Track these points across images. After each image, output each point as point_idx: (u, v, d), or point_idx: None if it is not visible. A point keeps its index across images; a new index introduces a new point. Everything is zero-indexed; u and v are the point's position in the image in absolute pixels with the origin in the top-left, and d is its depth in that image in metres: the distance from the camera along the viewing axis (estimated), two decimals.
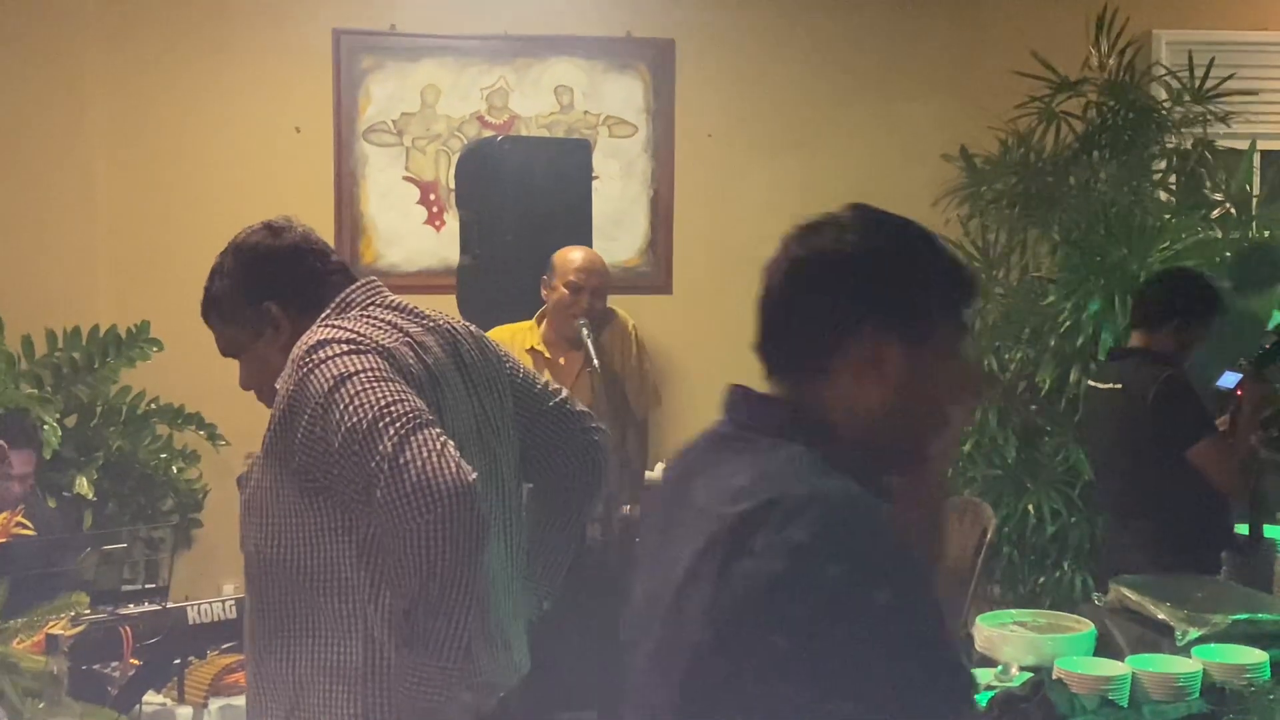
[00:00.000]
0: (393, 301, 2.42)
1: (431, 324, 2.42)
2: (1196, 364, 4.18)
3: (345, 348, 2.20)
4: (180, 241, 5.67)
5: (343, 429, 2.11)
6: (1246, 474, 3.92)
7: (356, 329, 2.25)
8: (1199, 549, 3.88)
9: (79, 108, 5.81)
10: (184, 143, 5.85)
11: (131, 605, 3.26)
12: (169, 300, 5.72)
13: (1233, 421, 3.99)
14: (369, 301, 2.38)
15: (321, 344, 2.21)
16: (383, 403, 2.12)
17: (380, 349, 2.22)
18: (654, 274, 6.17)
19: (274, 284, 2.37)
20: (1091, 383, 4.43)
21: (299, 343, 2.25)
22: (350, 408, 2.12)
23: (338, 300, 2.37)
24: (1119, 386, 4.16)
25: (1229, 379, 3.98)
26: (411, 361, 2.27)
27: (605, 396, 4.29)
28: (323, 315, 2.34)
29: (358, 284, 2.42)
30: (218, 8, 5.86)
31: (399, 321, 2.34)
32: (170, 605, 3.30)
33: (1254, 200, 5.49)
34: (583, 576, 4.23)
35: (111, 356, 5.17)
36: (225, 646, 3.47)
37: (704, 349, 6.15)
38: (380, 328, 2.29)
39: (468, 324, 2.57)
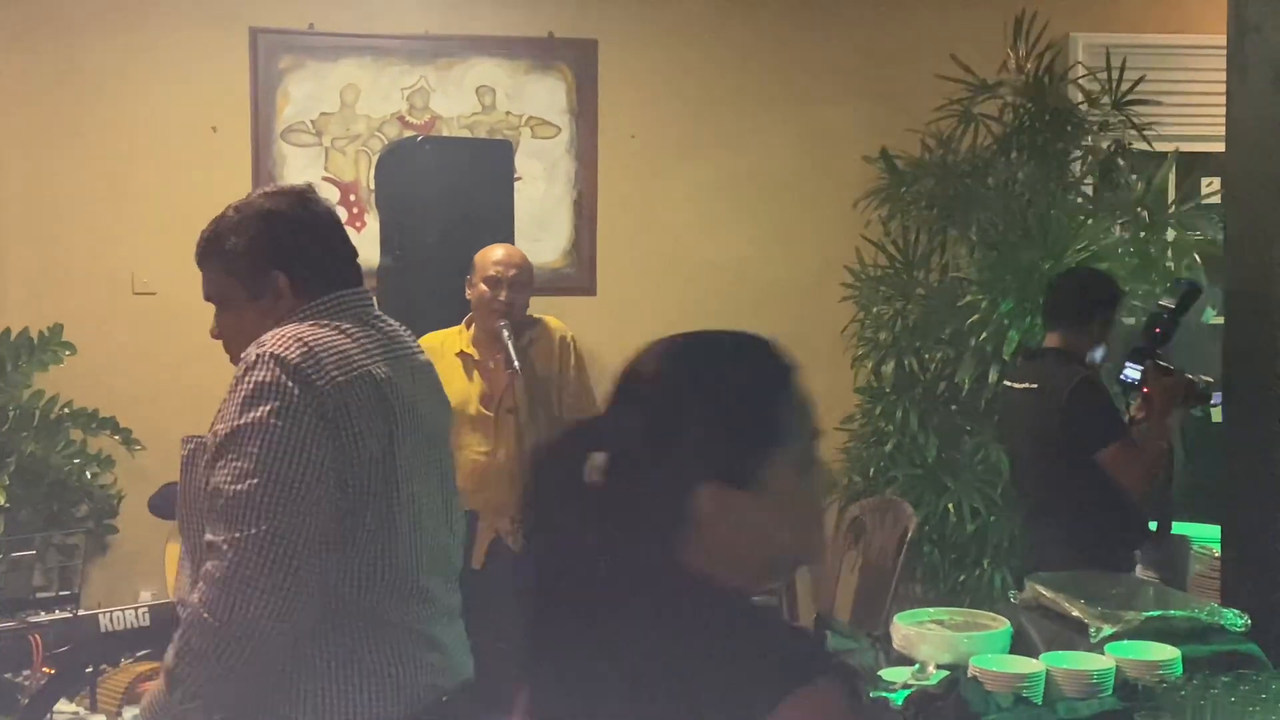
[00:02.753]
0: (376, 318, 2.42)
1: (403, 350, 2.43)
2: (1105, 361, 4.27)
3: (288, 381, 2.18)
4: (94, 243, 5.59)
5: (229, 467, 2.14)
6: (1156, 472, 3.98)
7: (318, 351, 2.23)
8: (1112, 546, 3.98)
9: None
10: (97, 143, 5.76)
11: (42, 613, 3.21)
12: (82, 303, 5.68)
13: (1147, 412, 4.04)
14: (355, 313, 2.37)
15: (276, 359, 2.19)
16: (272, 472, 2.13)
17: (326, 389, 2.20)
18: (578, 275, 6.17)
19: (292, 256, 2.35)
20: (1007, 382, 4.47)
21: (264, 338, 2.24)
22: (243, 452, 2.14)
23: (331, 298, 2.36)
24: (1034, 386, 4.19)
25: (1131, 372, 4.02)
26: (365, 399, 2.25)
27: (528, 399, 4.28)
28: (309, 306, 2.33)
29: (353, 291, 2.41)
30: (133, 6, 5.79)
31: (370, 347, 2.32)
32: (82, 613, 3.25)
33: (1169, 202, 5.58)
34: (505, 580, 4.24)
35: (23, 360, 5.10)
36: (139, 654, 3.43)
37: (628, 349, 6.14)
38: (344, 354, 2.26)
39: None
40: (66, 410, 5.19)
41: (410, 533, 2.29)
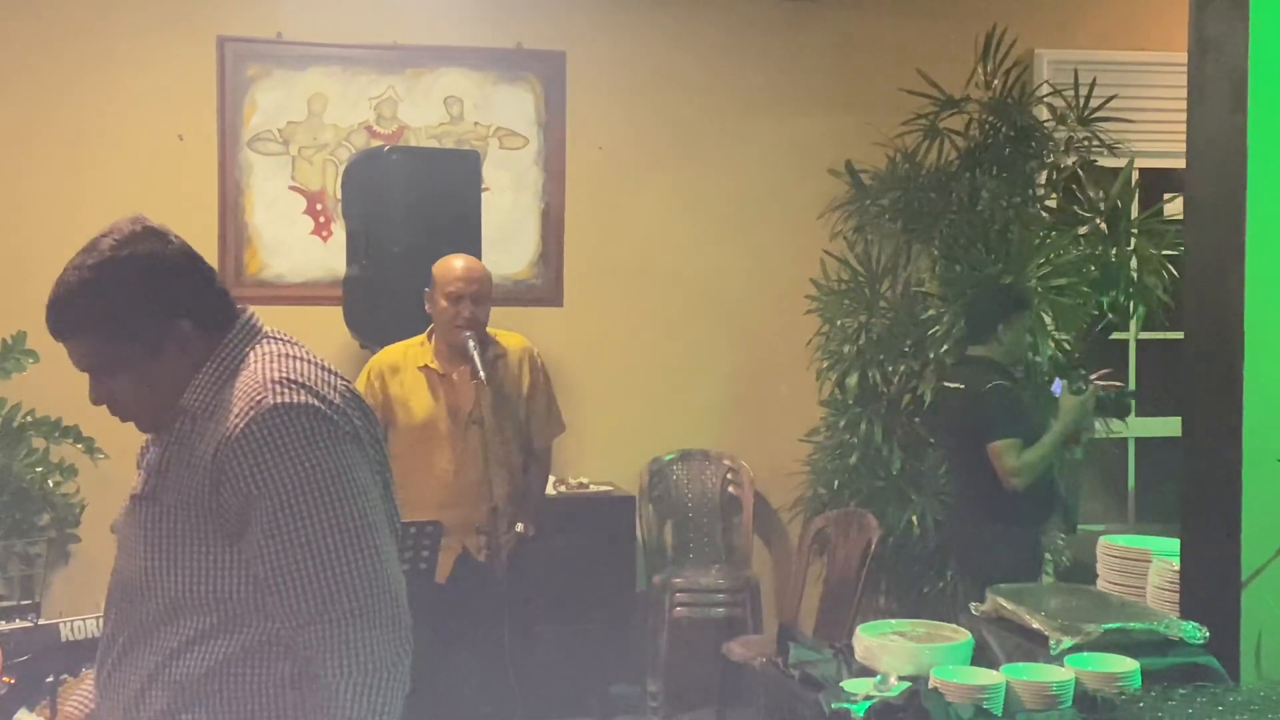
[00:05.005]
0: (291, 338, 2.26)
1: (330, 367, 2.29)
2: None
3: (319, 414, 2.08)
4: (57, 251, 5.50)
5: (306, 524, 2.02)
6: (1034, 472, 4.56)
7: (310, 382, 2.11)
8: (1002, 530, 4.64)
9: None
10: (62, 150, 5.73)
11: (3, 622, 3.18)
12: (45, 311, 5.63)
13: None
14: (278, 337, 2.22)
15: (296, 409, 2.07)
16: (347, 512, 2.04)
17: (341, 420, 2.11)
18: (545, 286, 6.18)
19: (189, 299, 2.14)
20: (945, 382, 4.94)
21: (248, 391, 2.08)
22: (317, 504, 2.03)
23: (243, 326, 2.20)
24: (961, 387, 4.73)
25: (1056, 386, 4.72)
26: (362, 418, 2.18)
27: (494, 411, 4.27)
28: (224, 343, 2.16)
29: (249, 313, 2.24)
30: (99, 13, 5.76)
31: (317, 359, 2.21)
32: (43, 622, 3.23)
33: (1129, 217, 5.63)
34: (468, 594, 4.24)
35: None
36: None
37: (595, 361, 6.18)
38: (320, 376, 2.16)
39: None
40: (29, 418, 5.15)
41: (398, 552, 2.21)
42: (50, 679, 3.26)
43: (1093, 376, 4.70)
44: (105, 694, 2.19)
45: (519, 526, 4.27)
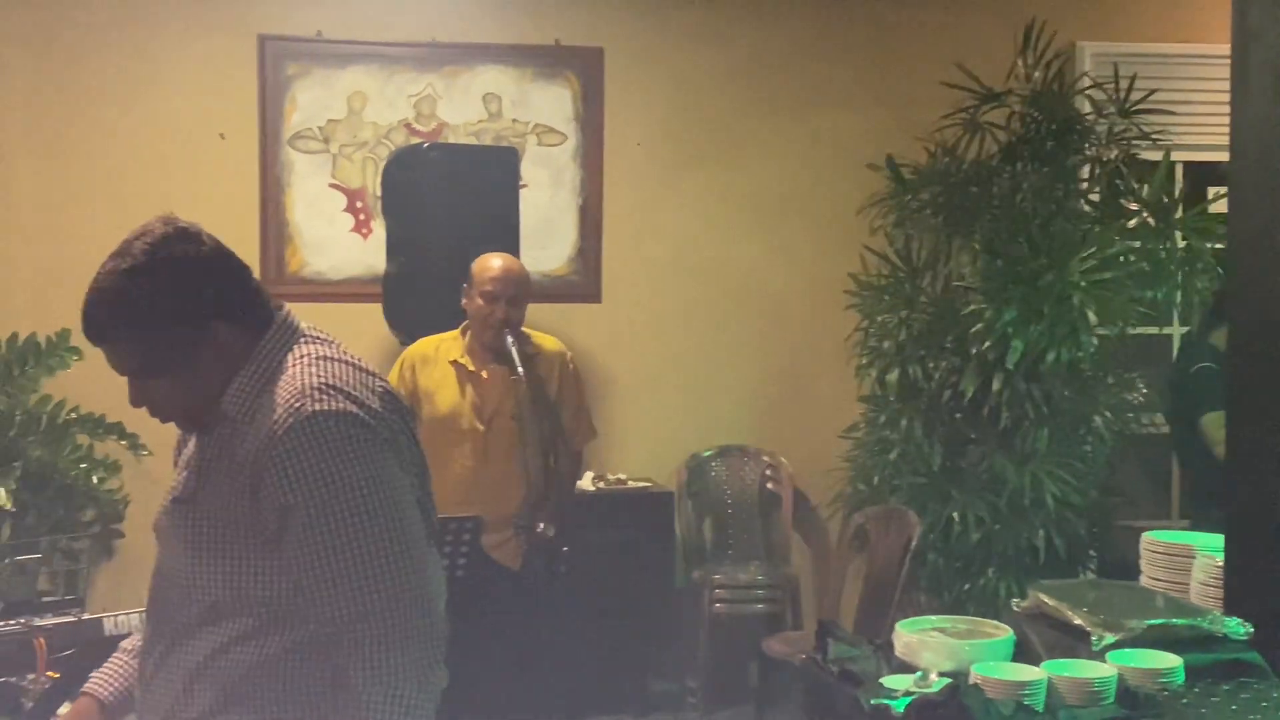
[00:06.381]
0: (332, 338, 2.25)
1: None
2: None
3: (357, 421, 2.07)
4: (102, 249, 5.57)
5: (342, 529, 2.03)
6: None
7: (347, 387, 2.10)
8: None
9: None
10: (106, 149, 5.79)
11: (47, 617, 3.22)
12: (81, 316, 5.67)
13: None
14: (316, 336, 2.22)
15: (335, 416, 2.06)
16: (385, 520, 2.05)
17: (379, 427, 2.10)
18: (583, 283, 6.19)
19: (224, 301, 2.12)
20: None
21: (285, 396, 2.07)
22: (352, 510, 2.03)
23: (280, 325, 2.18)
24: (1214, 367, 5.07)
25: None
26: (401, 422, 2.18)
27: (531, 409, 4.27)
28: (263, 344, 2.15)
29: (285, 310, 2.23)
30: (141, 13, 5.81)
31: (354, 359, 2.20)
32: (87, 617, 3.26)
33: (1177, 210, 5.58)
34: (498, 594, 4.25)
35: (30, 365, 5.11)
36: None
37: (633, 357, 6.19)
38: (359, 379, 2.14)
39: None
40: (73, 415, 5.20)
41: (436, 559, 2.23)
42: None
43: None
44: (147, 694, 2.20)
45: (540, 526, 4.25)
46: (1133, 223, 5.42)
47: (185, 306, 2.09)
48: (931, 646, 3.19)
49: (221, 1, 5.88)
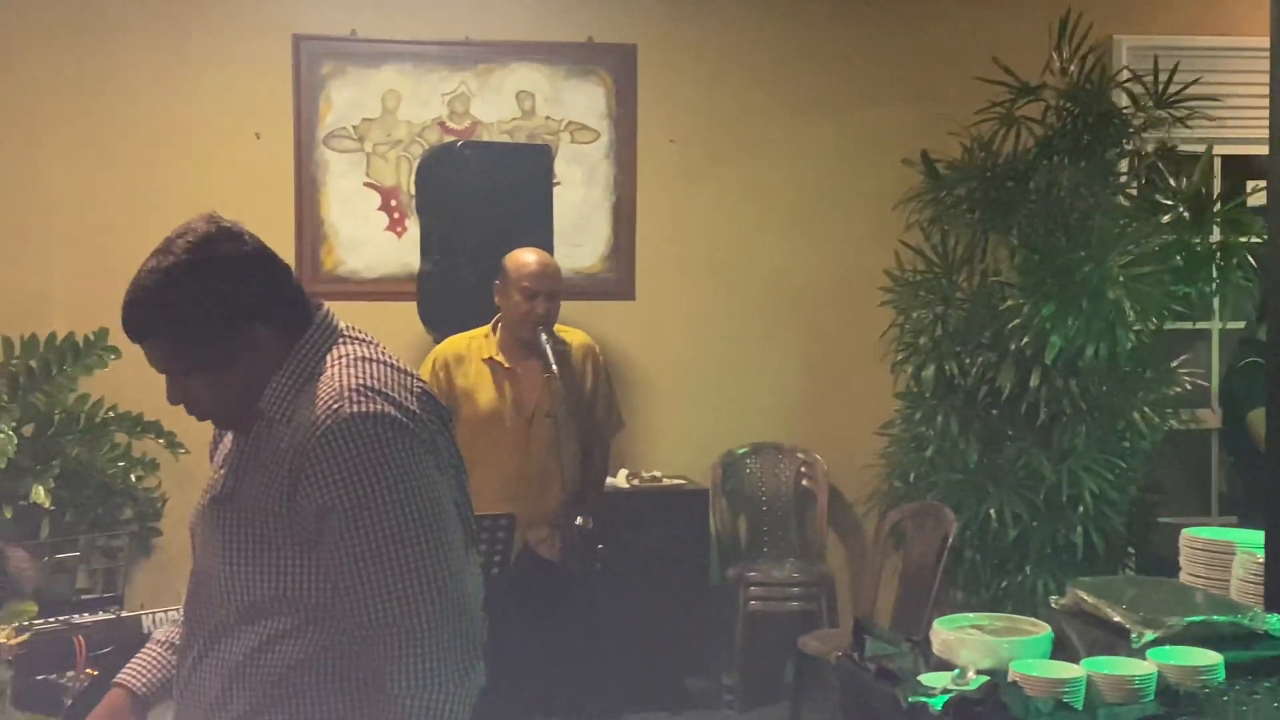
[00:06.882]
0: (371, 338, 2.25)
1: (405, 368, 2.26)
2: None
3: (396, 423, 2.06)
4: (138, 248, 5.59)
5: (379, 534, 2.02)
6: None
7: (389, 391, 2.10)
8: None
9: (35, 114, 5.79)
10: (142, 149, 5.83)
11: (86, 614, 3.25)
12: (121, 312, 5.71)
13: None
14: (355, 336, 2.21)
15: (373, 418, 2.05)
16: (425, 523, 2.04)
17: (420, 431, 2.10)
18: (616, 280, 6.19)
19: (264, 302, 2.12)
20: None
21: (327, 400, 2.07)
22: (391, 516, 2.03)
23: (320, 326, 2.18)
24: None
25: None
26: (440, 426, 2.18)
27: (567, 405, 4.27)
28: (302, 344, 2.15)
29: (324, 310, 2.23)
30: (176, 13, 5.85)
31: (393, 360, 2.20)
32: (125, 614, 3.29)
33: (1214, 204, 5.54)
34: (540, 589, 4.26)
35: (69, 364, 5.13)
36: None
37: (667, 354, 6.19)
38: (399, 381, 2.14)
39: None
40: (111, 414, 5.23)
41: (476, 570, 2.22)
42: None
43: None
44: (185, 694, 2.20)
45: (579, 520, 4.26)
46: (1168, 217, 5.38)
47: (226, 306, 2.09)
48: (969, 644, 3.18)
49: (256, 1, 5.91)
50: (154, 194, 5.70)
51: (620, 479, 5.88)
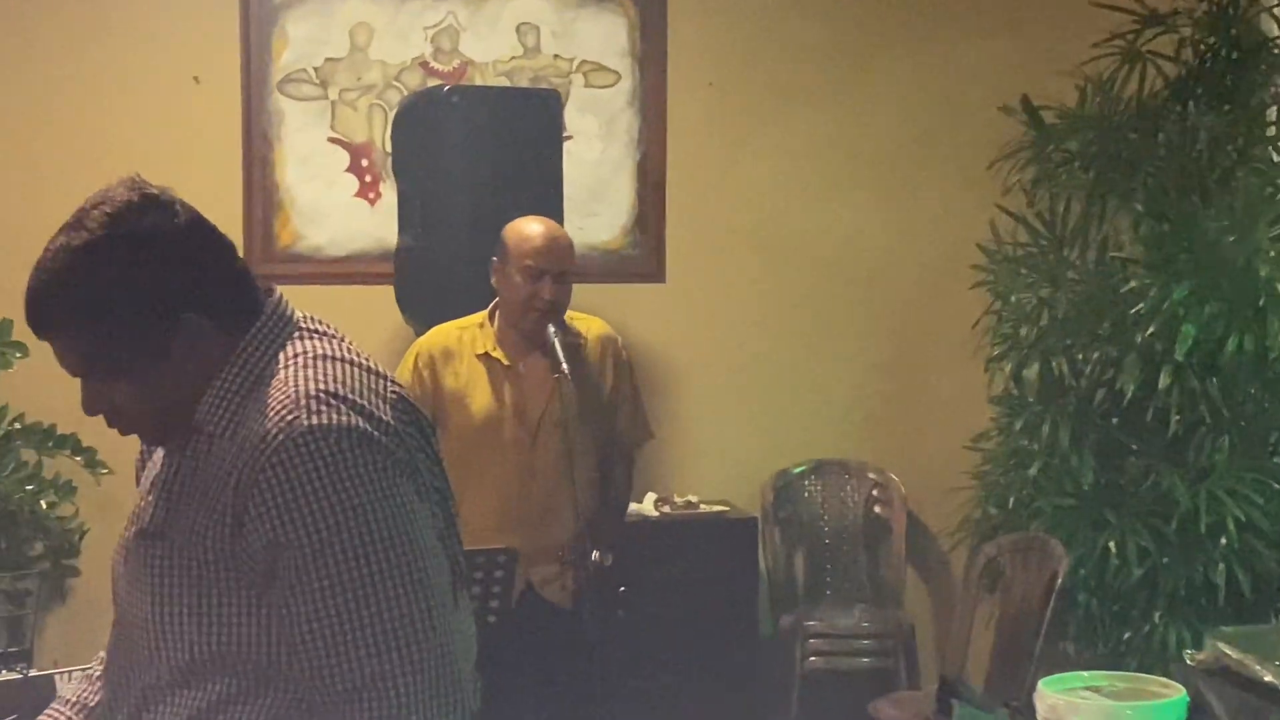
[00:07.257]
0: (335, 331, 2.25)
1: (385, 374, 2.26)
2: None
3: (365, 437, 2.06)
4: (50, 220, 5.63)
5: (347, 574, 2.01)
6: None
7: (354, 395, 2.10)
8: None
9: None
10: (61, 97, 5.84)
11: None
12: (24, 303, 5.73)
13: None
14: (314, 329, 2.21)
15: (336, 431, 2.04)
16: (401, 559, 2.03)
17: (397, 448, 2.10)
18: (642, 258, 6.20)
19: (199, 287, 2.11)
20: None
21: (293, 396, 2.06)
22: (360, 554, 2.02)
23: (271, 317, 2.18)
24: None
25: None
26: (418, 439, 2.19)
27: (579, 411, 4.27)
28: (250, 337, 2.15)
29: (276, 295, 2.23)
30: None
31: (362, 358, 2.20)
32: (34, 673, 3.30)
33: None
34: (542, 641, 4.27)
35: None
36: None
37: (706, 350, 6.19)
38: (369, 385, 2.15)
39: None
40: (17, 426, 5.26)
41: (466, 620, 2.24)
42: None
43: None
44: None
45: (594, 555, 4.25)
46: None
47: (152, 292, 2.08)
48: (1084, 710, 3.18)
49: None
50: (71, 155, 5.71)
51: (647, 505, 5.89)
